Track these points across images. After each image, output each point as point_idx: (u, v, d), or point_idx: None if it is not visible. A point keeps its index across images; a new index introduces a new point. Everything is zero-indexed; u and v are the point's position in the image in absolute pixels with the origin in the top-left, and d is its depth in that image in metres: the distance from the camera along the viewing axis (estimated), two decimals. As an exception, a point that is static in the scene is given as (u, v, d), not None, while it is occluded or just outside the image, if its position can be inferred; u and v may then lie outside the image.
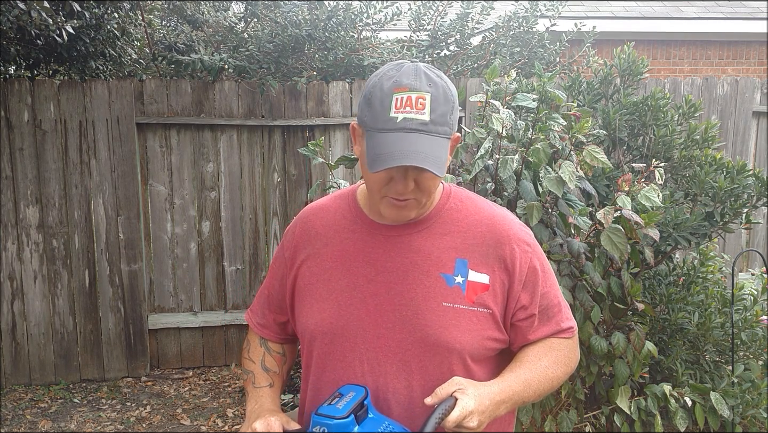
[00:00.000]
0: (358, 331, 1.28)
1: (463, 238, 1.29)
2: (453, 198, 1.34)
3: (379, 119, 1.17)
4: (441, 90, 1.18)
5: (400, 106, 1.15)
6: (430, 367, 1.24)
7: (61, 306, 4.35)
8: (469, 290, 1.26)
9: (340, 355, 1.29)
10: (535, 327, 1.32)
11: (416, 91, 1.16)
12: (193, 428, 3.80)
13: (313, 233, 1.38)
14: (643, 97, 2.99)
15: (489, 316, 1.27)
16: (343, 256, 1.33)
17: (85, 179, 4.30)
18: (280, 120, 4.52)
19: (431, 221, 1.31)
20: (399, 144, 1.14)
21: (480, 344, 1.27)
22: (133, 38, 5.35)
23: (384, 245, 1.30)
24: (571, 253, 2.46)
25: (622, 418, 2.68)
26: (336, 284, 1.32)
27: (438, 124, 1.17)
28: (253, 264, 4.67)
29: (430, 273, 1.27)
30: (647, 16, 7.44)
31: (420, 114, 1.15)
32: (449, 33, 4.85)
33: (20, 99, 4.16)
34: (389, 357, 1.26)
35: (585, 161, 2.45)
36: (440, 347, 1.25)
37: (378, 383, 1.27)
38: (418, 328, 1.25)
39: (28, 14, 3.68)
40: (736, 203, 2.75)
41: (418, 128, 1.15)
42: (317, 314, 1.33)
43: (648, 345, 2.58)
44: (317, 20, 4.48)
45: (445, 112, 1.18)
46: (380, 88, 1.18)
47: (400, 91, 1.16)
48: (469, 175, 2.55)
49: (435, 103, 1.16)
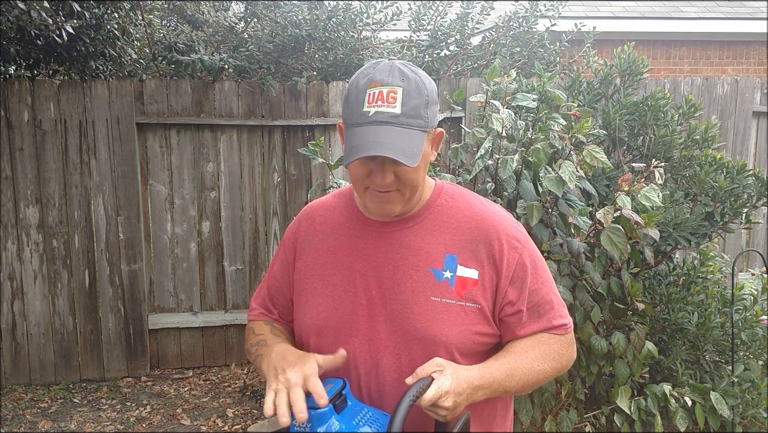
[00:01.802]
0: (351, 324, 1.31)
1: (453, 234, 1.32)
2: (444, 194, 1.37)
3: (354, 114, 1.21)
4: (413, 84, 1.21)
5: (372, 100, 1.19)
6: (419, 360, 1.25)
7: (61, 306, 4.35)
8: (458, 284, 1.29)
9: (334, 348, 1.31)
10: (523, 323, 1.32)
11: (388, 85, 1.19)
12: (193, 428, 3.80)
13: (312, 230, 1.42)
14: (643, 97, 2.99)
15: (477, 310, 1.29)
16: (338, 251, 1.36)
17: (85, 179, 4.30)
18: (280, 120, 4.52)
19: (421, 216, 1.34)
20: (370, 136, 1.18)
21: (468, 338, 1.28)
22: (133, 38, 5.35)
23: (376, 240, 1.33)
24: (571, 253, 2.46)
25: (622, 418, 2.68)
26: (330, 279, 1.35)
27: (410, 116, 1.19)
28: (253, 264, 4.67)
29: (419, 268, 1.30)
30: (647, 16, 7.44)
31: (391, 107, 1.18)
32: (449, 33, 4.85)
33: (20, 99, 4.16)
34: (381, 350, 1.29)
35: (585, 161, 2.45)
36: (428, 340, 1.27)
37: (370, 376, 1.30)
38: (407, 321, 1.28)
39: (28, 14, 3.69)
40: (736, 203, 2.75)
41: (389, 120, 1.18)
42: (313, 308, 1.36)
43: (648, 345, 2.58)
44: (317, 20, 4.48)
45: (418, 105, 1.20)
46: (356, 86, 1.22)
47: (372, 86, 1.20)
48: (469, 175, 2.55)
49: (407, 97, 1.19)
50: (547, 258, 2.43)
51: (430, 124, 1.23)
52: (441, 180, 1.41)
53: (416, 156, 1.19)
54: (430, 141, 1.27)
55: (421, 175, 1.27)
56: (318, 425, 1.14)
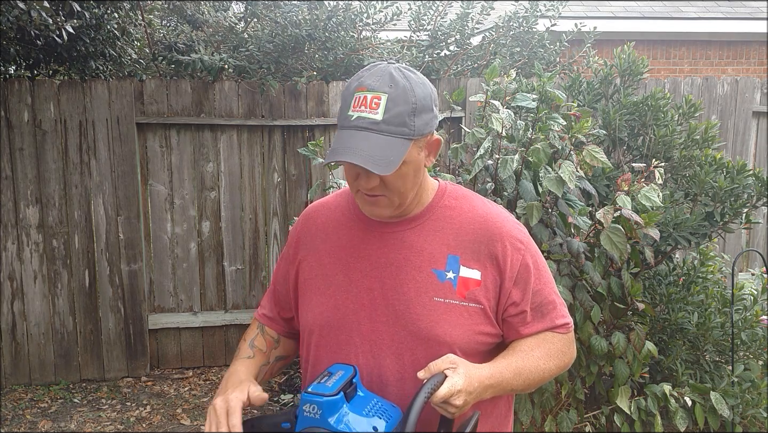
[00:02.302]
0: (353, 324, 1.32)
1: (456, 235, 1.32)
2: (447, 196, 1.37)
3: (341, 117, 1.23)
4: (401, 91, 1.20)
5: (357, 105, 1.21)
6: (422, 360, 1.26)
7: (61, 306, 4.35)
8: (461, 285, 1.29)
9: (336, 348, 1.32)
10: (527, 323, 1.34)
11: (373, 91, 1.20)
12: (193, 428, 3.80)
13: (314, 230, 1.43)
14: (643, 97, 2.99)
15: (480, 311, 1.30)
16: (340, 251, 1.37)
17: (85, 179, 4.30)
18: (280, 120, 4.52)
19: (424, 217, 1.34)
20: (347, 141, 1.19)
21: (471, 339, 1.29)
22: (133, 38, 5.35)
23: (378, 240, 1.34)
24: (570, 253, 2.46)
25: (622, 418, 2.68)
26: (333, 279, 1.35)
27: (392, 124, 1.19)
28: (253, 264, 4.67)
29: (422, 269, 1.30)
30: (647, 16, 7.44)
31: (372, 113, 1.19)
32: (449, 33, 4.85)
33: (20, 99, 4.16)
34: (384, 350, 1.30)
35: (585, 161, 2.45)
36: (431, 340, 1.27)
37: (373, 375, 1.30)
38: (410, 322, 1.28)
39: (28, 14, 3.68)
40: (736, 203, 2.75)
41: (368, 127, 1.19)
42: (315, 308, 1.36)
43: (648, 345, 2.58)
44: (317, 20, 4.47)
45: (402, 113, 1.20)
46: (348, 88, 1.24)
47: (360, 91, 1.21)
48: (469, 175, 2.55)
49: (391, 104, 1.19)
50: (547, 258, 2.43)
51: (417, 132, 1.22)
52: (444, 181, 1.41)
53: (393, 164, 1.18)
54: (420, 148, 1.26)
55: (409, 182, 1.26)
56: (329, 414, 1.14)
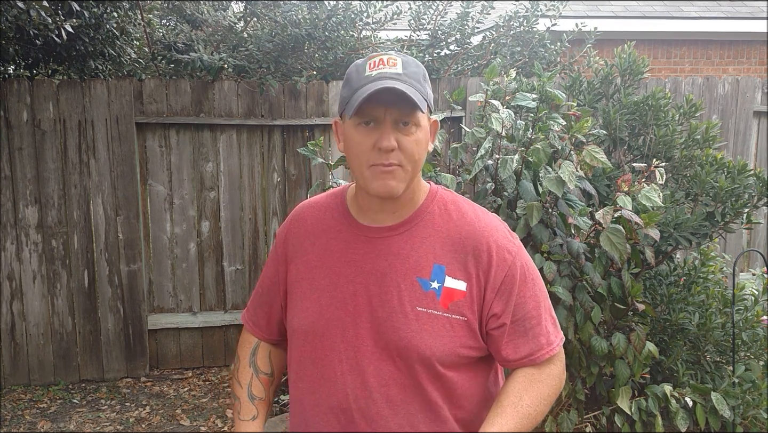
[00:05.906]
0: (337, 330, 1.29)
1: (443, 243, 1.29)
2: (437, 201, 1.33)
3: (355, 84, 1.23)
4: (410, 59, 1.26)
5: (374, 66, 1.23)
6: (403, 369, 1.25)
7: (61, 306, 4.35)
8: (444, 296, 1.26)
9: (321, 353, 1.30)
10: (508, 338, 1.29)
11: (387, 54, 1.25)
12: (192, 429, 3.79)
13: (303, 231, 1.40)
14: (643, 97, 2.98)
15: (464, 323, 1.26)
16: (327, 255, 1.34)
17: (85, 179, 4.29)
18: (280, 120, 4.51)
19: (412, 223, 1.31)
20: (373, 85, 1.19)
21: (452, 351, 1.26)
22: (132, 38, 5.34)
23: (365, 246, 1.31)
24: (571, 253, 2.45)
25: (622, 418, 2.68)
26: (318, 283, 1.33)
27: (412, 78, 1.22)
28: (252, 264, 4.66)
29: (407, 277, 1.27)
30: (648, 15, 7.43)
31: (393, 68, 1.22)
32: (449, 32, 4.84)
33: (19, 99, 4.15)
34: (367, 356, 1.27)
35: (585, 161, 2.44)
36: (410, 350, 1.25)
37: (356, 383, 1.28)
38: (391, 330, 1.26)
39: (27, 14, 3.68)
40: (737, 203, 2.74)
41: (392, 77, 1.21)
42: (301, 312, 1.34)
43: (649, 345, 2.57)
44: (317, 20, 4.47)
45: (417, 73, 1.24)
46: (355, 66, 1.27)
47: (373, 57, 1.25)
48: (469, 175, 2.55)
49: (406, 64, 1.24)
50: (547, 258, 2.43)
51: (428, 99, 1.24)
52: (436, 185, 1.38)
53: (422, 104, 1.20)
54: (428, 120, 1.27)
55: (422, 149, 1.25)
56: None
